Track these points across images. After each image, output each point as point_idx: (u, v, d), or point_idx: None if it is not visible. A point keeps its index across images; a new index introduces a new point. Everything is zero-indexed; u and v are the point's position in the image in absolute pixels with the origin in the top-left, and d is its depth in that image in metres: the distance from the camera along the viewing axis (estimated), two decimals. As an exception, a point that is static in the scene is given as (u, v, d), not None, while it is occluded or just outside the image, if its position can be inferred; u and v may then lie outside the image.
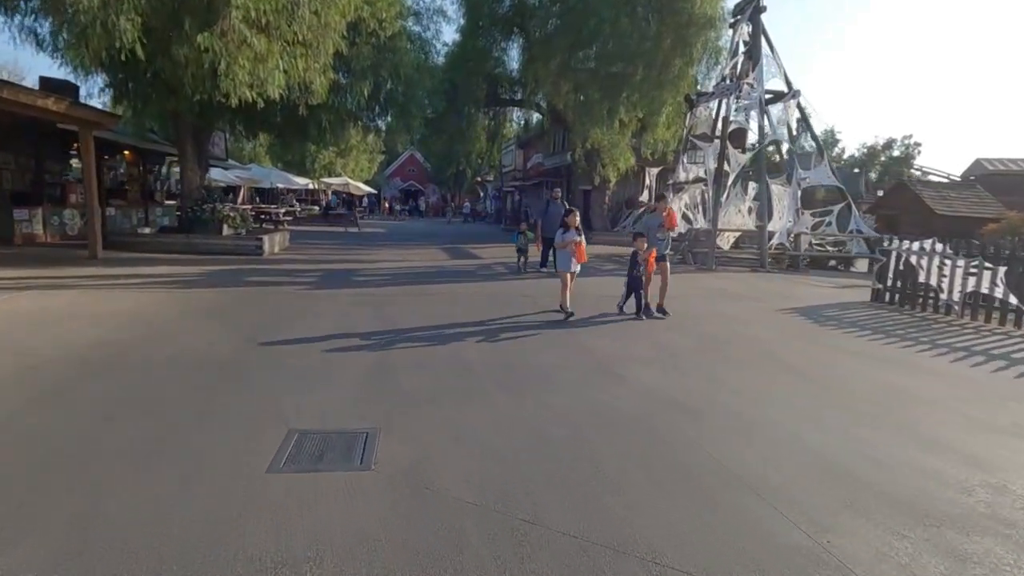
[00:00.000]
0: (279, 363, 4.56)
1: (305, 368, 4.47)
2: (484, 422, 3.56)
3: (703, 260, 14.15)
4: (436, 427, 3.44)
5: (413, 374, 4.50)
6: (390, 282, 9.50)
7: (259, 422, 3.41)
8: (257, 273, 9.75)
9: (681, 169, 16.17)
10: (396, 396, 3.98)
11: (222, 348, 4.90)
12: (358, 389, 4.10)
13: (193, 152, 12.63)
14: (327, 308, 6.85)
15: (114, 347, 4.80)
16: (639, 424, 3.64)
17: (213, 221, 12.54)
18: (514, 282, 10.10)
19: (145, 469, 2.77)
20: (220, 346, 4.97)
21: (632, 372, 4.71)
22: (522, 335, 5.88)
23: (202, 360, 4.56)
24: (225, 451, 3.01)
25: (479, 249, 17.16)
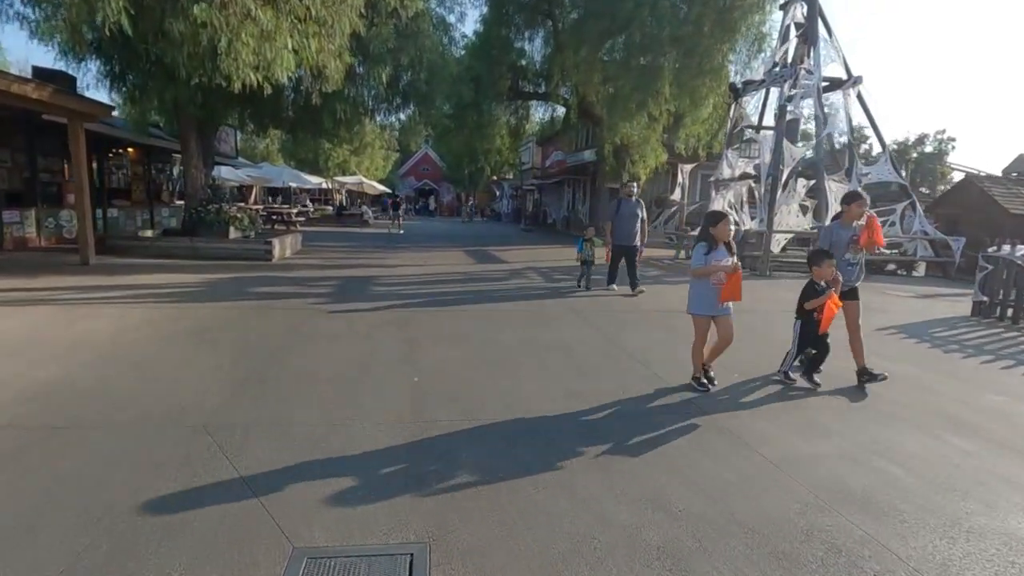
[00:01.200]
0: (282, 433, 3.33)
1: (316, 441, 3.27)
2: None
3: (755, 265, 12.81)
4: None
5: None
6: (415, 296, 8.33)
7: (246, 538, 2.23)
8: (264, 282, 8.65)
9: (726, 165, 14.82)
10: (448, 501, 2.78)
11: (204, 404, 3.73)
12: (394, 483, 2.90)
13: (197, 148, 11.58)
14: (342, 337, 5.66)
15: (57, 401, 3.62)
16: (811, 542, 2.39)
17: (218, 223, 11.49)
18: (577, 301, 8.85)
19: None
20: (202, 400, 3.79)
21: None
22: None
23: (170, 430, 3.38)
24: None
25: (503, 252, 15.96)
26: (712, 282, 4.15)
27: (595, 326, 6.37)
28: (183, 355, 4.71)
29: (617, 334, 6.05)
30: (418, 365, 4.66)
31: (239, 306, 6.71)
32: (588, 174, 25.80)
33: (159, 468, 2.76)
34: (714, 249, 4.18)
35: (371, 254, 14.03)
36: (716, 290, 4.13)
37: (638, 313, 7.30)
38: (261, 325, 5.85)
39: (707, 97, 15.97)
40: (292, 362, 4.59)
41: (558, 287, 9.53)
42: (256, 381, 4.11)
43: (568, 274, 11.23)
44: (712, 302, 4.19)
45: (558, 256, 15.25)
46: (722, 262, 4.14)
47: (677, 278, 10.97)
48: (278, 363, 4.57)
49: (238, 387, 3.97)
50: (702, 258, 4.20)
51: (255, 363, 4.52)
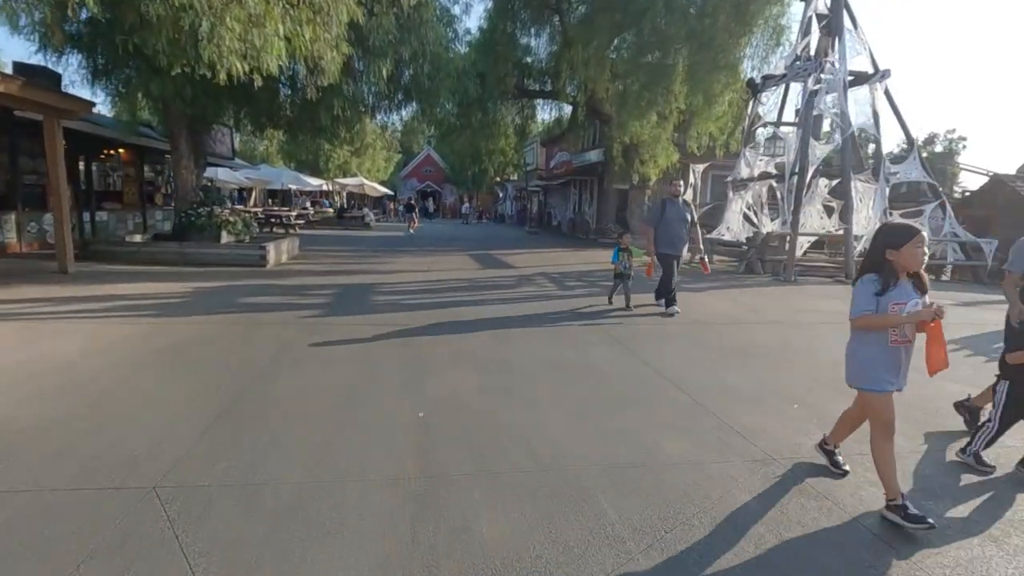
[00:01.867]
0: (253, 498, 2.65)
1: (296, 509, 2.59)
2: None
3: (778, 270, 12.11)
4: None
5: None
6: (419, 307, 7.65)
7: None
8: (255, 292, 7.98)
9: (743, 164, 14.12)
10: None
11: (163, 453, 3.05)
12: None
13: (188, 148, 10.94)
14: (336, 360, 4.98)
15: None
16: None
17: (210, 227, 10.83)
18: (604, 316, 8.14)
19: None
20: (161, 448, 3.12)
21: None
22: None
23: (112, 497, 2.71)
24: None
25: (510, 256, 15.28)
26: (892, 339, 2.61)
27: (624, 344, 5.68)
28: (150, 385, 4.03)
29: (656, 357, 5.34)
30: (423, 395, 3.98)
31: (224, 321, 6.04)
32: (595, 175, 25.14)
33: (80, 564, 2.07)
34: (893, 285, 2.56)
35: (372, 259, 13.36)
36: (899, 352, 2.63)
37: (675, 326, 6.60)
38: (246, 345, 5.17)
39: (722, 94, 15.27)
40: (276, 393, 3.91)
41: (572, 295, 8.85)
42: (230, 420, 3.43)
43: (580, 280, 10.57)
44: (894, 369, 2.63)
45: (567, 260, 14.59)
46: (908, 306, 2.54)
47: (705, 283, 10.27)
48: (259, 395, 3.88)
49: (207, 429, 3.29)
50: (871, 300, 2.58)
51: (232, 395, 3.84)
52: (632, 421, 3.64)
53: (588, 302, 8.13)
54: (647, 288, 7.89)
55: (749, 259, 12.37)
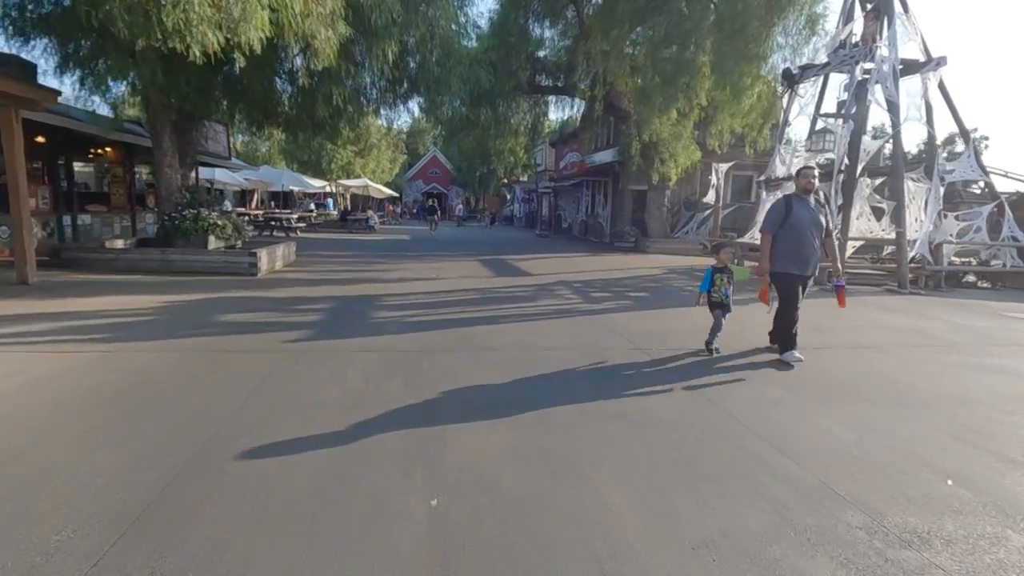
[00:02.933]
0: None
1: None
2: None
3: (821, 279, 10.93)
4: None
5: None
6: (426, 326, 6.56)
7: None
8: (239, 306, 6.91)
9: (778, 162, 12.97)
10: None
11: (64, 566, 1.97)
12: None
13: (172, 145, 9.93)
14: (322, 406, 3.88)
15: None
16: None
17: (196, 232, 9.80)
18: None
19: None
20: (63, 556, 2.04)
21: None
22: None
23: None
24: None
25: (523, 262, 14.18)
26: None
27: (686, 380, 4.56)
28: (75, 443, 2.95)
29: (727, 395, 4.22)
30: (436, 468, 2.87)
31: (190, 347, 4.97)
32: (609, 175, 24.03)
33: None
34: None
35: (375, 265, 12.30)
36: None
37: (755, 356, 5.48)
38: (212, 381, 4.09)
39: (752, 87, 14.12)
40: (230, 472, 2.81)
41: (603, 309, 7.73)
42: (169, 508, 2.35)
43: (607, 291, 9.44)
44: None
45: (585, 267, 13.48)
46: None
47: (742, 294, 9.13)
48: (215, 464, 2.80)
49: (136, 520, 2.21)
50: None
51: (179, 462, 2.76)
52: (735, 515, 2.52)
53: (625, 320, 7.01)
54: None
55: (789, 266, 11.19)
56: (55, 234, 11.57)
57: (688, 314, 7.45)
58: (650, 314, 7.49)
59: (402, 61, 9.44)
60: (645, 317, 7.26)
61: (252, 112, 12.79)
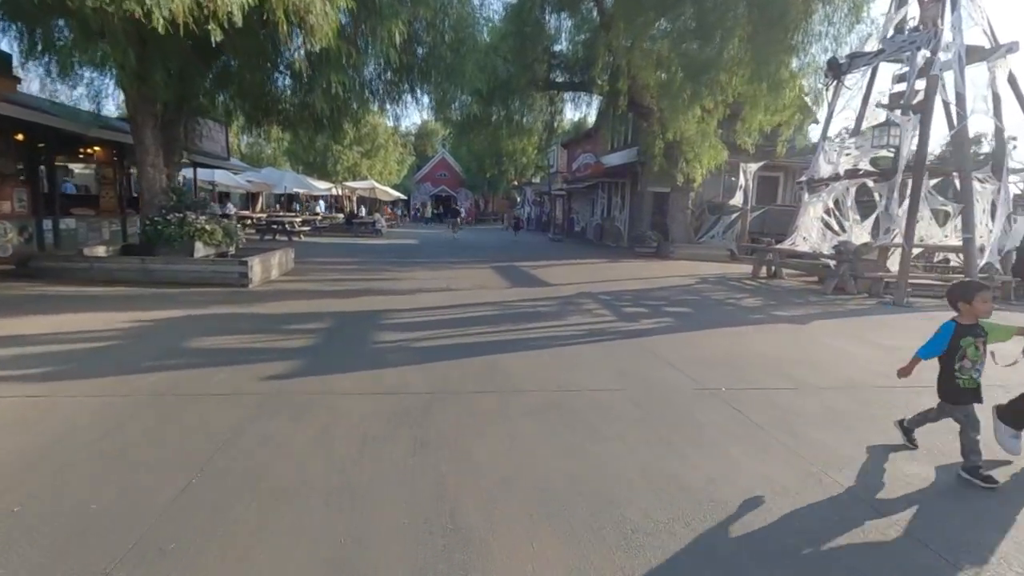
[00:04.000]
0: None
1: None
2: None
3: (877, 290, 9.76)
4: None
5: None
6: (437, 354, 5.51)
7: None
8: (220, 326, 5.89)
9: (823, 160, 11.79)
10: None
11: None
12: None
13: (155, 142, 8.96)
14: (302, 486, 2.82)
15: None
16: None
17: (181, 238, 8.81)
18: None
19: None
20: None
21: None
22: None
23: None
24: None
25: (539, 269, 13.09)
26: None
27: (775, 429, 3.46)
28: None
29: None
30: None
31: (144, 388, 3.92)
32: (627, 176, 22.90)
33: None
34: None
35: (380, 274, 11.27)
36: None
37: (829, 399, 4.36)
38: (155, 448, 3.04)
39: (791, 80, 12.97)
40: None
41: (641, 329, 6.62)
42: None
43: (640, 305, 8.31)
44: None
45: (608, 275, 12.38)
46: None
47: (794, 308, 7.99)
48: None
49: None
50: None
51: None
52: None
53: (672, 344, 5.90)
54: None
55: (841, 276, 10.04)
56: (33, 239, 10.64)
57: (745, 337, 6.33)
58: (701, 337, 6.37)
59: (410, 46, 8.41)
60: (696, 340, 6.15)
61: (250, 108, 11.87)
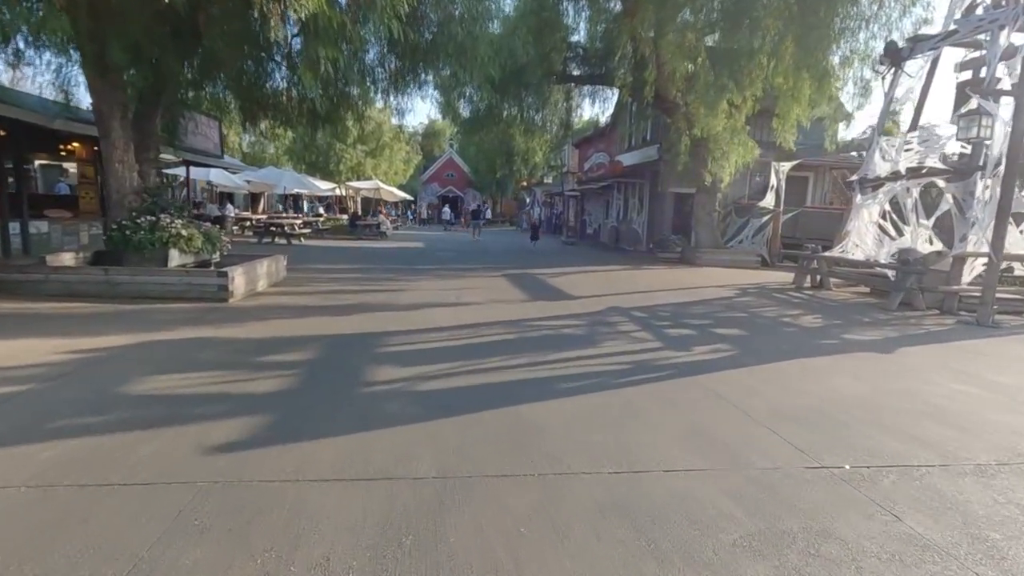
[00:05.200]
0: None
1: None
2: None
3: (950, 305, 8.47)
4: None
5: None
6: (445, 399, 4.31)
7: None
8: (178, 359, 4.73)
9: (878, 157, 10.50)
10: None
11: None
12: None
13: (124, 135, 7.83)
14: None
15: None
16: None
17: (152, 244, 7.67)
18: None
19: None
20: None
21: None
22: None
23: None
24: None
25: (556, 277, 11.87)
26: None
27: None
28: None
29: None
30: None
31: (38, 465, 2.74)
32: (646, 176, 21.65)
33: None
34: None
35: (382, 284, 10.09)
36: None
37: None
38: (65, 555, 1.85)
39: (841, 67, 11.69)
40: None
41: (693, 357, 5.38)
42: None
43: (682, 323, 7.03)
44: None
45: (634, 285, 11.13)
46: None
47: (865, 330, 6.73)
48: None
49: None
50: None
51: None
52: None
53: (745, 385, 4.66)
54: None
55: (908, 289, 8.75)
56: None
57: (827, 373, 5.08)
58: (774, 373, 5.13)
59: (416, 24, 7.23)
60: (770, 378, 4.91)
61: (243, 100, 10.78)
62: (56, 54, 7.68)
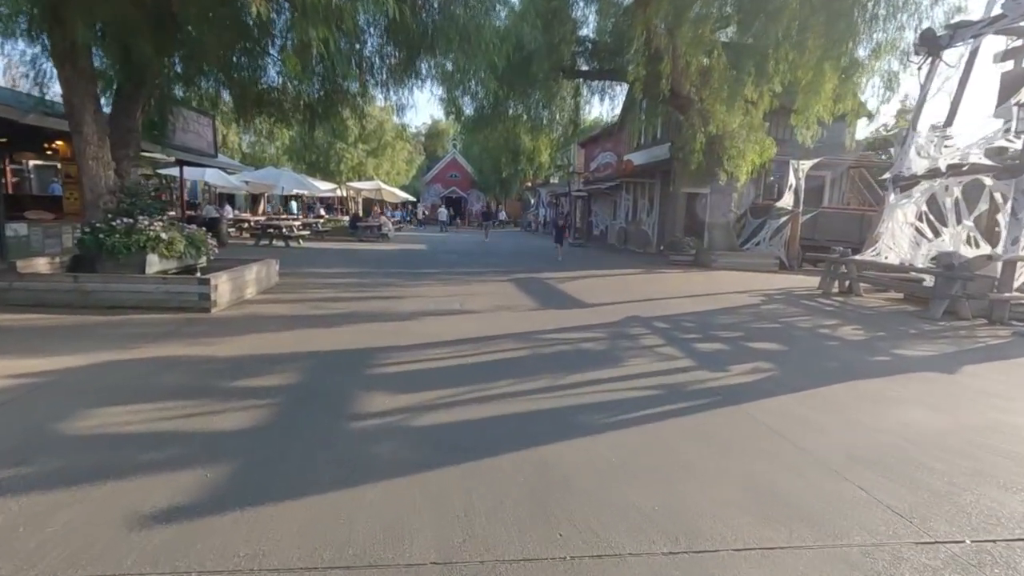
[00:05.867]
0: None
1: None
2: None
3: (1000, 314, 7.73)
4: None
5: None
6: (455, 439, 3.63)
7: None
8: (134, 386, 4.05)
9: (914, 153, 9.76)
10: None
11: None
12: None
13: (99, 130, 7.19)
14: None
15: None
16: None
17: (128, 248, 7.00)
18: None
19: None
20: None
21: None
22: None
23: None
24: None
25: (567, 282, 11.16)
26: None
27: None
28: None
29: None
30: None
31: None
32: (656, 176, 20.93)
33: None
34: None
35: (381, 290, 9.41)
36: None
37: None
38: None
39: (869, 60, 10.95)
40: None
41: (737, 384, 4.65)
42: None
43: (710, 336, 6.27)
44: None
45: (649, 290, 10.41)
46: None
47: (918, 344, 6.00)
48: None
49: None
50: None
51: None
52: None
53: (793, 419, 3.94)
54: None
55: (953, 296, 8.01)
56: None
57: (890, 399, 4.36)
58: (828, 400, 4.42)
59: (417, 8, 6.53)
60: (825, 406, 4.19)
61: (237, 95, 10.14)
62: (29, 43, 7.03)
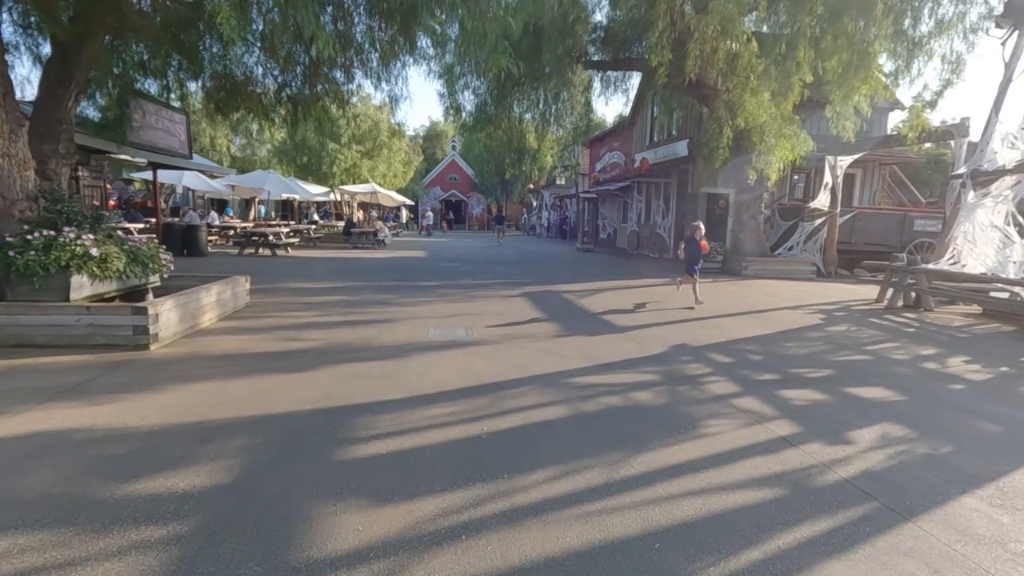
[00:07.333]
0: None
1: None
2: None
3: None
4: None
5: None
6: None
7: None
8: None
9: (996, 143, 8.29)
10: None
11: None
12: None
13: (9, 116, 5.72)
14: None
15: None
16: None
17: (46, 268, 5.51)
18: None
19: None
20: None
21: None
22: None
23: None
24: None
25: (589, 297, 9.64)
26: None
27: None
28: None
29: None
30: None
31: None
32: (672, 176, 19.49)
33: None
34: None
35: (369, 310, 7.93)
36: None
37: None
38: None
39: (942, 31, 9.48)
40: None
41: (870, 471, 3.15)
42: None
43: (799, 381, 4.67)
44: None
45: (684, 307, 8.81)
46: None
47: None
48: None
49: None
50: None
51: None
52: None
53: (1014, 541, 2.45)
54: None
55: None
56: None
57: None
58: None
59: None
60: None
61: (209, 85, 8.74)
62: None
